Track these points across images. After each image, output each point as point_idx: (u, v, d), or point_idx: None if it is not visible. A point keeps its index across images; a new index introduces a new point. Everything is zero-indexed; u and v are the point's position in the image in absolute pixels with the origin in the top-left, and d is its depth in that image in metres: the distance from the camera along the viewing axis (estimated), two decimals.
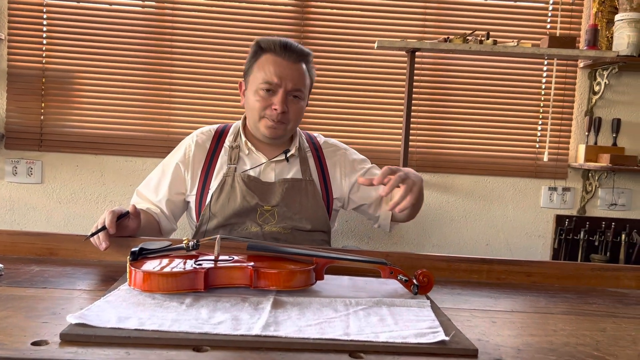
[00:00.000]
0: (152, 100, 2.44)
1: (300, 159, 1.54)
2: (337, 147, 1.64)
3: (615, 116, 2.49)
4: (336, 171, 1.58)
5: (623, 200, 2.55)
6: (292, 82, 1.44)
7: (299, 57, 1.46)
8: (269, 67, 1.44)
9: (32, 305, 0.85)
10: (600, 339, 0.83)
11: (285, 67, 1.43)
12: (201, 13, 2.43)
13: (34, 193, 2.43)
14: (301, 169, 1.52)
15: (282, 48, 1.44)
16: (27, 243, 1.21)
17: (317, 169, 1.56)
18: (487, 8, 2.49)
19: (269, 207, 1.44)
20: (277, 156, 1.52)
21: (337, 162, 1.59)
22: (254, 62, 1.48)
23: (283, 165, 1.52)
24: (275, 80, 1.43)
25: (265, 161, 1.51)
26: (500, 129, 2.54)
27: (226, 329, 0.74)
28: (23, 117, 2.40)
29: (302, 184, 1.49)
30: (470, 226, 2.54)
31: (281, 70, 1.43)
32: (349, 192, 1.58)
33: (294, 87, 1.44)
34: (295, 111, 1.48)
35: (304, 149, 1.58)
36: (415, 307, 0.90)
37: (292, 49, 1.45)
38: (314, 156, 1.58)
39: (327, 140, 1.65)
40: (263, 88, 1.44)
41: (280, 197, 1.45)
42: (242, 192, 1.44)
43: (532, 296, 1.09)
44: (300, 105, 1.49)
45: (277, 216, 1.44)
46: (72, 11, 2.39)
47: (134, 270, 0.90)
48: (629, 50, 2.30)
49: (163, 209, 1.50)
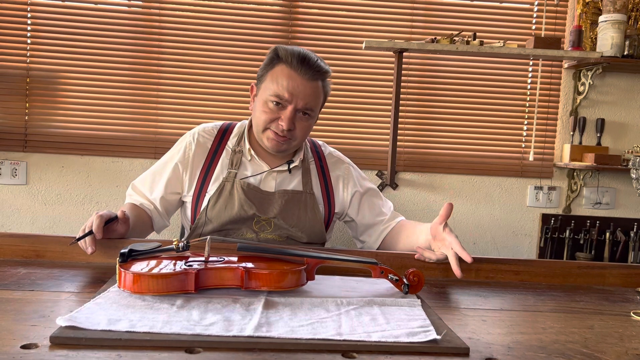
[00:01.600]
0: (139, 100, 2.42)
1: (302, 170, 1.50)
2: (341, 161, 1.59)
3: (599, 116, 2.53)
4: (339, 184, 1.54)
5: (607, 199, 2.59)
6: (304, 100, 1.36)
7: (316, 75, 1.37)
8: (282, 81, 1.36)
9: (20, 308, 0.84)
10: (588, 336, 0.84)
11: (299, 84, 1.35)
12: (189, 13, 2.41)
13: (18, 194, 2.40)
14: (303, 180, 1.48)
15: (299, 62, 1.35)
16: (13, 245, 1.19)
17: (320, 180, 1.52)
18: (474, 9, 2.51)
19: (266, 218, 1.41)
20: (280, 166, 1.47)
21: (340, 176, 1.55)
22: (268, 70, 1.40)
23: (284, 176, 1.48)
24: (287, 95, 1.35)
25: (267, 170, 1.46)
26: (486, 129, 2.56)
27: (218, 330, 0.73)
28: (7, 118, 2.37)
29: (301, 197, 1.45)
30: (457, 225, 2.56)
31: (294, 86, 1.35)
32: (348, 207, 1.55)
33: (304, 105, 1.37)
34: (303, 129, 1.41)
35: (308, 160, 1.53)
36: (406, 306, 0.90)
37: (309, 65, 1.36)
38: (317, 167, 1.53)
39: (331, 152, 1.60)
40: (272, 100, 1.37)
41: (278, 209, 1.42)
42: (241, 200, 1.40)
43: (520, 294, 1.10)
44: (309, 124, 1.42)
45: (274, 225, 1.42)
46: (57, 10, 2.37)
47: (124, 271, 0.90)
48: (612, 51, 2.33)
49: (157, 206, 1.47)
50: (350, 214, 1.55)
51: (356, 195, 1.54)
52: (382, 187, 2.50)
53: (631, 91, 2.56)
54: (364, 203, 1.55)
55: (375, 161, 2.50)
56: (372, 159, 2.50)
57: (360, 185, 1.56)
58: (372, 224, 1.53)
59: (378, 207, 1.55)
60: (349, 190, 1.54)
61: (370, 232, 1.54)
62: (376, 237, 1.52)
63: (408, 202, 2.53)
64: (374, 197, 1.57)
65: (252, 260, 0.99)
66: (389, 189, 2.51)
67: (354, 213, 1.55)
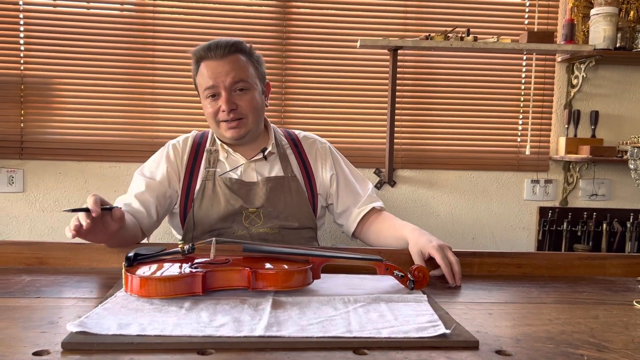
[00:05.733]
0: (135, 104, 2.41)
1: (280, 156, 1.51)
2: (317, 140, 1.60)
3: (594, 108, 2.55)
4: (317, 165, 1.54)
5: (603, 191, 2.61)
6: (229, 76, 1.39)
7: (229, 50, 1.40)
8: (204, 74, 1.41)
9: (28, 316, 0.84)
10: (594, 326, 0.85)
11: (216, 66, 1.39)
12: (182, 16, 2.41)
13: (15, 202, 2.39)
14: (282, 165, 1.49)
15: (209, 50, 1.40)
16: (15, 253, 1.19)
17: (299, 164, 1.53)
18: (467, 5, 2.52)
19: (253, 209, 1.42)
20: (255, 155, 1.48)
21: (317, 156, 1.55)
22: (195, 75, 1.46)
23: (263, 164, 1.49)
24: (212, 82, 1.39)
25: (244, 162, 1.48)
26: (482, 124, 2.57)
27: (229, 331, 0.74)
28: (2, 125, 2.36)
29: (284, 182, 1.46)
30: (456, 221, 2.57)
31: (214, 71, 1.39)
32: (330, 187, 1.54)
33: (232, 80, 1.39)
34: (247, 103, 1.42)
35: (283, 145, 1.54)
36: (412, 302, 0.91)
37: (218, 46, 1.39)
38: (294, 152, 1.54)
39: (306, 135, 1.61)
40: (207, 95, 1.42)
41: (264, 197, 1.43)
42: (226, 195, 1.41)
43: (523, 287, 1.11)
44: (250, 96, 1.42)
45: (263, 217, 1.42)
46: (50, 16, 2.36)
47: (130, 276, 0.90)
48: (605, 44, 2.35)
49: (148, 198, 1.41)
50: (332, 193, 1.54)
51: (334, 176, 1.54)
52: (380, 184, 2.51)
53: (624, 83, 2.58)
54: (341, 183, 1.54)
55: (372, 159, 2.51)
56: (370, 157, 2.51)
57: (337, 164, 1.56)
58: (348, 206, 1.52)
59: (355, 188, 1.54)
60: (327, 170, 1.54)
61: (347, 215, 1.53)
62: (352, 220, 1.51)
63: (407, 199, 2.54)
64: (351, 177, 1.56)
65: (257, 260, 0.99)
66: (387, 187, 2.52)
67: (334, 193, 1.54)
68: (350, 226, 1.53)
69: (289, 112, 2.48)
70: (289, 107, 2.48)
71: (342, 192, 1.54)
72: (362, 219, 1.50)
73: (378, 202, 1.52)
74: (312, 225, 1.50)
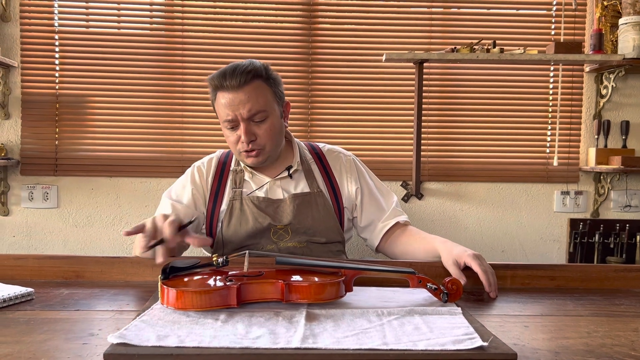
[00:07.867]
0: (165, 120, 2.47)
1: (305, 172, 1.51)
2: (341, 154, 1.60)
3: (624, 118, 2.50)
4: (343, 178, 1.54)
5: (636, 202, 2.55)
6: (245, 108, 1.37)
7: (245, 79, 1.37)
8: (222, 104, 1.40)
9: (69, 328, 0.86)
10: (634, 338, 0.84)
11: (233, 98, 1.37)
12: (210, 33, 2.46)
13: (50, 218, 2.45)
14: (307, 181, 1.50)
15: (224, 79, 1.37)
16: (54, 267, 1.22)
17: (325, 178, 1.53)
18: (492, 17, 2.52)
19: (282, 226, 1.43)
20: (280, 174, 1.49)
21: (343, 170, 1.55)
22: (213, 104, 1.47)
23: (288, 181, 1.50)
24: (231, 115, 1.39)
25: (269, 180, 1.49)
26: (510, 136, 2.55)
27: (266, 343, 0.75)
28: (38, 143, 2.43)
29: (311, 198, 1.47)
30: (485, 233, 2.54)
31: (231, 103, 1.38)
32: (355, 200, 1.54)
33: (249, 113, 1.38)
34: (265, 132, 1.41)
35: (307, 161, 1.55)
36: (447, 314, 0.90)
37: (233, 75, 1.37)
38: (319, 166, 1.55)
39: (330, 148, 1.61)
40: (226, 127, 1.43)
41: (292, 214, 1.44)
42: (254, 214, 1.43)
43: (558, 300, 1.09)
44: (268, 125, 1.41)
45: (291, 232, 1.44)
46: (83, 36, 2.43)
47: (167, 288, 0.91)
48: (634, 53, 2.32)
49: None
50: (356, 205, 1.54)
51: (358, 189, 1.54)
52: (407, 197, 2.50)
53: None
54: (366, 196, 1.54)
55: (399, 172, 2.50)
56: (397, 169, 2.50)
57: (362, 177, 1.56)
58: (372, 220, 1.52)
59: (379, 202, 1.54)
60: (352, 183, 1.54)
61: (371, 229, 1.53)
62: (376, 234, 1.51)
63: (434, 212, 2.52)
64: (375, 190, 1.56)
65: (290, 273, 1.00)
66: (415, 199, 2.51)
67: (358, 206, 1.54)
68: (374, 240, 1.53)
69: (316, 125, 2.50)
70: (315, 121, 2.50)
71: (366, 206, 1.54)
72: (386, 233, 1.50)
73: (402, 217, 1.52)
74: (340, 239, 1.51)
